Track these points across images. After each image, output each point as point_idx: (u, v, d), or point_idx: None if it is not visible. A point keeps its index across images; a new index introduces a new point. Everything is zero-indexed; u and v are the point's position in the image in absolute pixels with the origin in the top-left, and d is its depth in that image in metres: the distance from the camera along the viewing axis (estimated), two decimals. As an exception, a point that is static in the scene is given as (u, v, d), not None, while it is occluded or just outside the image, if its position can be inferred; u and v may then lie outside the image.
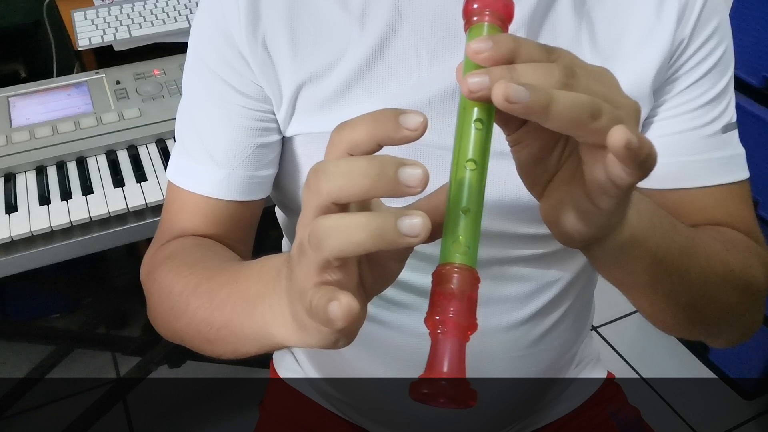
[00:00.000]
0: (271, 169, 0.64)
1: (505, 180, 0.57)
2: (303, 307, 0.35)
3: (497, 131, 0.38)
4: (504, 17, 0.39)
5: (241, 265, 0.51)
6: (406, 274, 0.61)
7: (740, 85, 1.36)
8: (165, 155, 1.02)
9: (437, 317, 0.35)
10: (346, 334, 0.37)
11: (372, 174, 0.31)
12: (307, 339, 0.38)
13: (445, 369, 0.34)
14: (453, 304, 0.35)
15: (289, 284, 0.38)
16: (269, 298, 0.42)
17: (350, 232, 0.31)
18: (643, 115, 0.60)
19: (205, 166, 0.62)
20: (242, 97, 0.60)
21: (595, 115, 0.34)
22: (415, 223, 0.31)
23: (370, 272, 0.38)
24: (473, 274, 0.35)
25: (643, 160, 0.34)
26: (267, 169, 0.63)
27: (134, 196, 0.95)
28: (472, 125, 0.36)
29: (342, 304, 0.32)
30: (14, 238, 0.89)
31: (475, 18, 0.39)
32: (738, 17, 1.33)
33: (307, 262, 0.34)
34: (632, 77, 0.57)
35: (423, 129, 0.33)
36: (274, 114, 0.61)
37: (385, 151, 0.33)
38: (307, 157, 0.62)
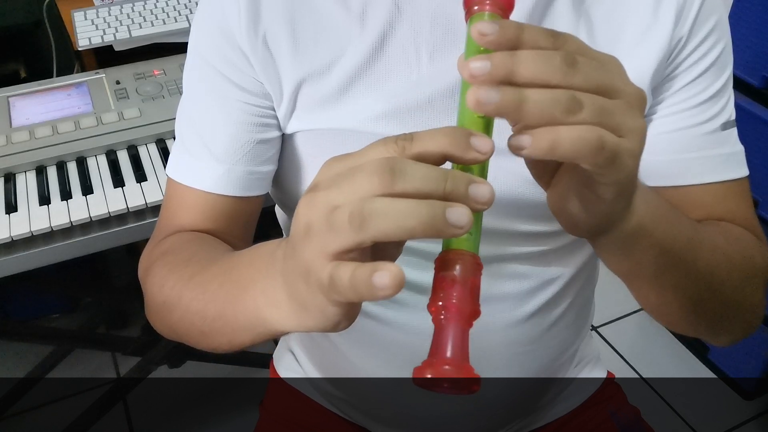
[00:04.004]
0: (271, 165, 0.64)
1: (504, 177, 0.57)
2: (311, 283, 0.35)
3: (496, 129, 0.38)
4: (504, 6, 0.39)
5: (233, 255, 0.51)
6: (406, 272, 0.62)
7: (740, 85, 1.36)
8: (165, 155, 1.02)
9: (440, 303, 0.35)
10: (348, 316, 0.37)
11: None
12: (306, 321, 0.38)
13: (448, 354, 0.34)
14: (456, 289, 0.35)
15: (287, 264, 0.38)
16: (261, 282, 0.42)
17: (402, 217, 0.32)
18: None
19: (205, 162, 0.62)
20: (242, 93, 0.60)
21: (573, 109, 0.34)
22: (463, 214, 0.32)
23: (370, 256, 0.38)
24: (476, 260, 0.35)
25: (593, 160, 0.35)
26: (267, 165, 0.63)
27: (134, 196, 0.96)
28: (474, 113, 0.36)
29: (393, 272, 0.32)
30: (14, 238, 0.89)
31: (476, 7, 0.39)
32: (738, 17, 1.33)
33: (327, 240, 0.33)
34: (631, 75, 0.57)
35: (491, 153, 0.34)
36: (274, 110, 0.61)
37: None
38: (307, 154, 0.62)
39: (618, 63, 0.38)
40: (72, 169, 1.00)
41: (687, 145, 0.61)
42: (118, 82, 1.13)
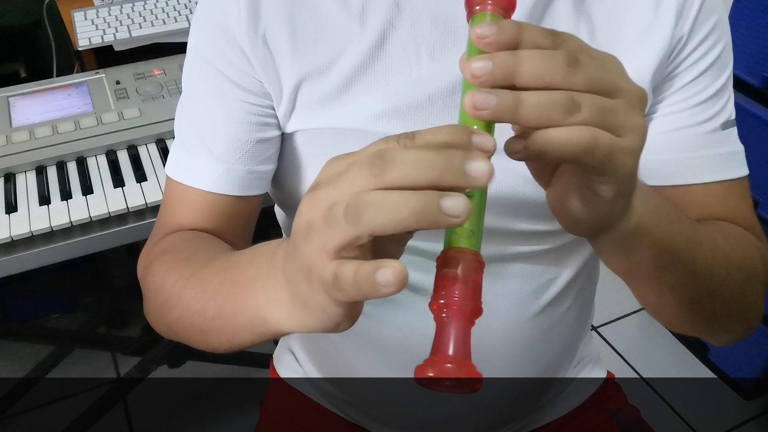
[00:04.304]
0: (271, 165, 0.64)
1: (504, 176, 0.57)
2: (313, 281, 0.35)
3: (497, 129, 0.38)
4: (506, 6, 0.39)
5: (234, 254, 0.51)
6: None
7: (740, 85, 1.36)
8: (165, 155, 1.02)
9: (441, 301, 0.35)
10: (350, 317, 0.37)
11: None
12: (307, 320, 0.38)
13: (450, 352, 0.34)
14: (457, 287, 0.35)
15: (288, 263, 0.38)
16: (263, 281, 0.42)
17: (394, 208, 0.31)
18: (644, 111, 0.60)
19: (204, 161, 0.62)
20: (242, 92, 0.60)
21: (571, 111, 0.34)
22: (458, 203, 0.32)
23: (371, 256, 0.38)
24: (478, 258, 0.35)
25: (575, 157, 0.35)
26: (266, 165, 0.63)
27: (134, 196, 0.96)
28: None
29: (396, 269, 0.32)
30: (14, 238, 0.89)
31: (477, 7, 0.39)
32: (738, 18, 1.33)
33: (327, 237, 0.33)
34: (631, 74, 0.57)
35: (493, 152, 0.34)
36: (274, 110, 0.61)
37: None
38: (307, 153, 0.62)
39: (618, 62, 0.38)
40: (72, 169, 1.00)
41: (687, 145, 0.61)
42: (118, 82, 1.13)
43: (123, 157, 1.02)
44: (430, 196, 0.31)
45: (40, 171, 0.99)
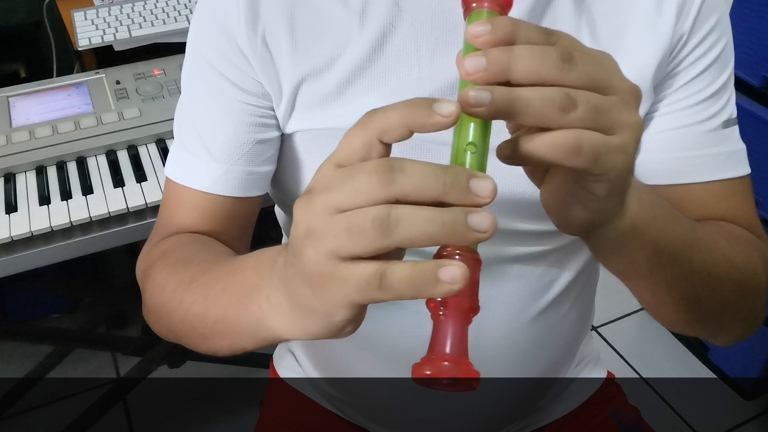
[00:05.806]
0: (270, 166, 0.64)
1: (503, 176, 0.57)
2: (317, 286, 0.35)
3: (495, 129, 0.38)
4: (503, 3, 0.39)
5: (236, 259, 0.51)
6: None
7: (740, 85, 1.36)
8: (165, 155, 1.02)
9: (438, 299, 0.35)
10: (357, 320, 0.37)
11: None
12: (309, 326, 0.38)
13: (447, 350, 0.34)
14: None
15: (288, 270, 0.38)
16: (266, 289, 0.42)
17: (425, 223, 0.32)
18: (644, 109, 0.60)
19: (203, 162, 0.62)
20: (241, 93, 0.60)
21: (567, 108, 0.34)
22: (485, 219, 0.32)
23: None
24: (474, 255, 0.35)
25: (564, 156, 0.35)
26: (265, 166, 0.63)
27: (134, 196, 0.96)
28: None
29: (462, 266, 0.32)
30: (14, 238, 0.89)
31: (474, 5, 0.39)
32: (738, 17, 1.33)
33: (341, 243, 0.33)
34: (633, 72, 0.57)
35: (456, 117, 0.33)
36: (273, 110, 0.61)
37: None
38: (307, 154, 0.62)
39: (612, 59, 0.38)
40: (72, 169, 1.00)
41: (688, 143, 0.61)
42: (118, 82, 1.13)
43: (123, 157, 1.02)
44: (458, 213, 0.32)
45: (40, 171, 0.99)
